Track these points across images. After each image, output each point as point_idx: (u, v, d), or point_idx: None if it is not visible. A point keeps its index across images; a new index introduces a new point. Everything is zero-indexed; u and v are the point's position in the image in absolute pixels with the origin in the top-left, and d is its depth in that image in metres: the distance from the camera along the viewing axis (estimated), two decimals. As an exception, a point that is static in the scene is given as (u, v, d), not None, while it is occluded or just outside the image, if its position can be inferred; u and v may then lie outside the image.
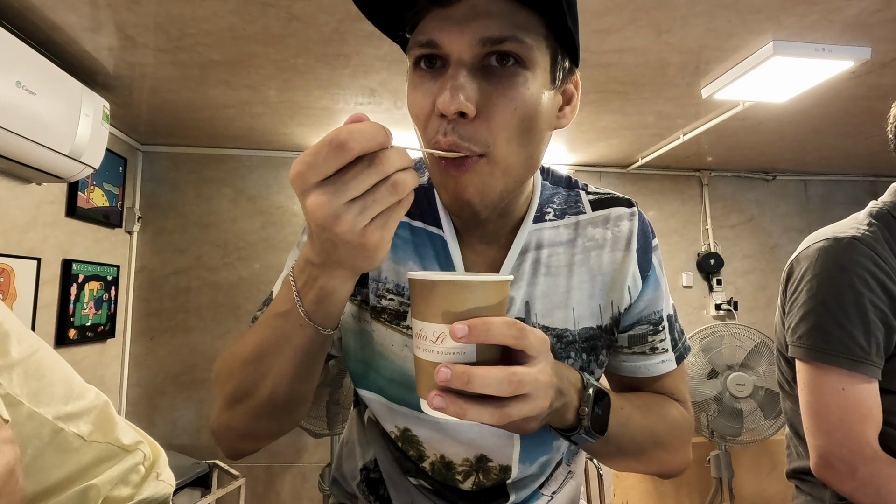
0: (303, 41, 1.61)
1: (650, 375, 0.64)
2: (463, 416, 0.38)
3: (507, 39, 0.45)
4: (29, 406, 0.42)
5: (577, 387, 0.49)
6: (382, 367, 0.61)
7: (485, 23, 0.45)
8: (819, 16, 1.48)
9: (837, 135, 2.53)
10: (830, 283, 0.85)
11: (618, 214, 0.63)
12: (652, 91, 1.99)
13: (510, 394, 0.38)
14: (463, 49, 0.46)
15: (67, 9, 1.42)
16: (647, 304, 0.63)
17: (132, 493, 0.49)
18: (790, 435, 1.02)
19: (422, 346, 0.41)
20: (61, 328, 2.02)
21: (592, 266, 0.61)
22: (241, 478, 2.04)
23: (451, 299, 0.40)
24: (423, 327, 0.41)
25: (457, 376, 0.37)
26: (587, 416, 0.49)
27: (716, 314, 3.05)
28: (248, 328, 0.55)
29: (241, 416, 0.52)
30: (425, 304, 0.41)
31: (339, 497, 0.76)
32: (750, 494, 2.74)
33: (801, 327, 0.88)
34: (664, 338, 0.64)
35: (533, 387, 0.39)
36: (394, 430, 0.64)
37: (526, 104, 0.47)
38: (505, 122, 0.47)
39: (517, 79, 0.47)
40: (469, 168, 0.47)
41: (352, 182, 0.37)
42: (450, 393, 0.38)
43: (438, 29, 0.46)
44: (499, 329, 0.38)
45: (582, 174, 3.05)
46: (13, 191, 1.79)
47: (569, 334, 0.60)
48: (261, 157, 2.76)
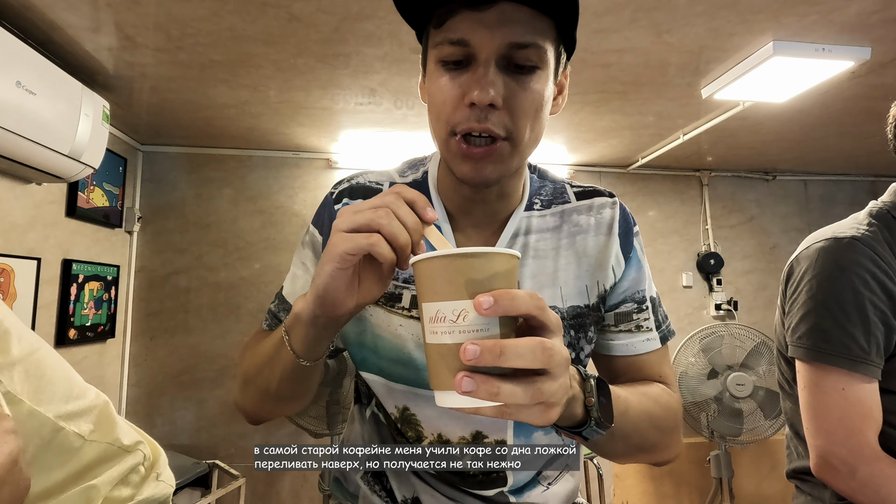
0: (303, 41, 1.61)
1: (636, 353, 0.67)
2: (496, 395, 0.35)
3: (531, 46, 0.53)
4: (29, 404, 0.42)
5: (576, 378, 0.49)
6: (380, 349, 0.65)
7: (512, 29, 0.52)
8: (819, 16, 1.48)
9: (837, 135, 2.54)
10: (830, 283, 0.85)
11: (601, 203, 0.69)
12: (652, 91, 1.99)
13: (542, 364, 0.36)
14: (492, 50, 0.53)
15: (67, 9, 1.42)
16: (630, 283, 0.68)
17: (132, 493, 0.49)
18: (790, 435, 1.02)
19: (439, 330, 0.39)
20: (61, 328, 2.03)
21: (578, 249, 0.66)
22: (241, 478, 2.04)
23: (471, 271, 0.38)
24: (440, 308, 0.38)
25: (487, 349, 0.35)
26: (595, 406, 0.48)
27: (716, 314, 3.05)
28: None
29: (249, 397, 0.63)
30: (442, 282, 0.39)
31: (340, 497, 0.76)
32: (750, 494, 2.74)
33: (800, 327, 0.87)
34: (648, 317, 0.68)
35: (559, 359, 0.38)
36: (394, 411, 0.67)
37: (540, 97, 0.55)
38: (524, 113, 0.55)
39: (534, 76, 0.54)
40: (496, 150, 0.56)
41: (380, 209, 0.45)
42: (478, 374, 0.36)
43: (471, 30, 0.53)
44: (523, 299, 0.37)
45: (582, 174, 3.05)
46: (13, 191, 1.79)
47: (558, 311, 0.65)
48: (261, 157, 2.76)
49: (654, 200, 3.12)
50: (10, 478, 0.34)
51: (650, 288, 0.70)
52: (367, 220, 0.43)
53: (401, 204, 0.44)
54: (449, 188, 0.67)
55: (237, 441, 2.60)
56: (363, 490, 0.71)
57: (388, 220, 0.43)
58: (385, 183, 0.71)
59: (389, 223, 0.43)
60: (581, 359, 0.67)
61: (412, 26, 0.60)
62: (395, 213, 0.44)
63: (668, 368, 0.69)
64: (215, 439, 2.58)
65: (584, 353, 0.67)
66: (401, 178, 0.71)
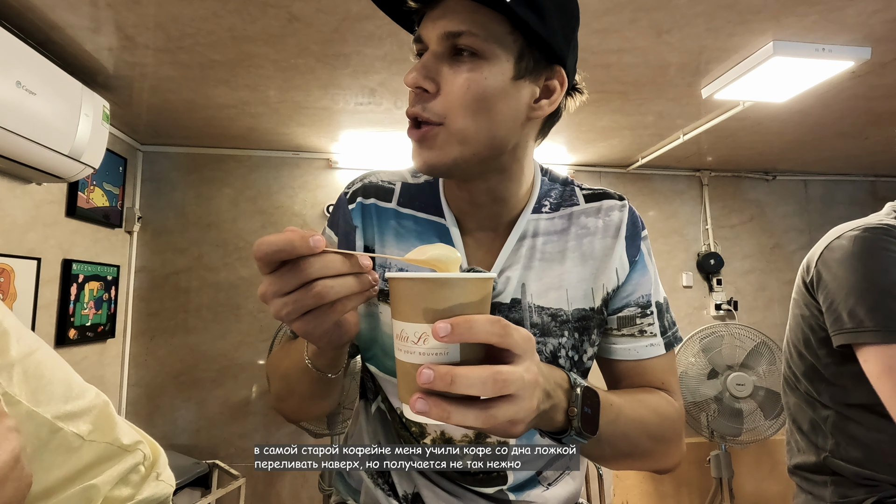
0: (303, 41, 1.61)
1: (639, 359, 0.66)
2: (447, 419, 0.37)
3: (464, 34, 0.54)
4: (28, 405, 0.42)
5: (563, 387, 0.49)
6: (388, 348, 0.66)
7: (450, 19, 0.55)
8: (819, 16, 1.48)
9: (837, 135, 2.53)
10: (876, 264, 0.85)
11: (609, 206, 0.69)
12: (652, 91, 1.99)
13: (495, 393, 0.37)
14: (433, 40, 0.56)
15: (67, 9, 1.42)
16: (634, 287, 0.67)
17: (132, 493, 0.49)
18: (791, 430, 1.02)
19: (403, 348, 0.40)
20: (61, 328, 2.02)
21: (585, 251, 0.66)
22: (241, 478, 2.04)
23: (432, 297, 0.39)
24: (404, 328, 0.40)
25: (440, 377, 0.36)
26: (577, 416, 0.48)
27: (716, 314, 3.04)
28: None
29: (286, 407, 0.67)
30: (405, 304, 0.40)
31: (342, 490, 0.77)
32: (750, 494, 2.74)
33: (858, 312, 0.85)
34: (652, 322, 0.67)
35: (518, 386, 0.38)
36: (399, 405, 0.68)
37: (479, 86, 0.55)
38: (458, 98, 0.55)
39: (471, 64, 0.55)
40: (427, 134, 0.56)
41: (276, 281, 0.42)
42: (433, 396, 0.38)
43: (423, 27, 0.58)
44: (482, 327, 0.38)
45: (582, 174, 3.05)
46: (13, 191, 1.79)
47: (563, 314, 0.65)
48: (261, 157, 2.76)
49: (654, 200, 3.12)
50: (13, 475, 0.34)
51: (657, 293, 0.69)
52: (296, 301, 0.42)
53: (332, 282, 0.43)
54: (452, 191, 0.67)
55: (237, 441, 2.60)
56: (366, 483, 0.72)
57: (326, 292, 0.42)
58: (397, 183, 0.71)
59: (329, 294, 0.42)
60: (584, 361, 0.67)
61: (411, 32, 0.63)
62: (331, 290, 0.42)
63: (671, 376, 0.68)
64: (215, 439, 2.58)
65: (587, 355, 0.67)
66: (413, 178, 0.72)
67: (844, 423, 0.94)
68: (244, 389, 2.63)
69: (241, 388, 2.63)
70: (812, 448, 0.98)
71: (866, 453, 0.91)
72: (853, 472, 0.92)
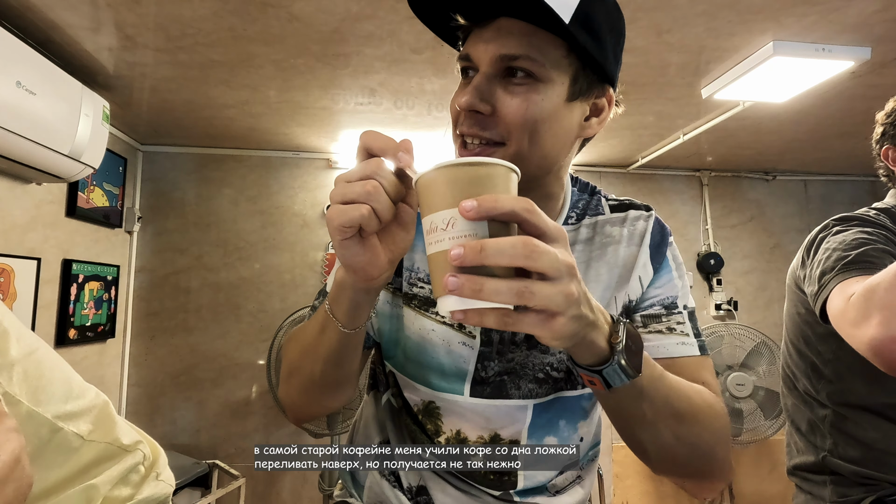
0: (303, 41, 1.61)
1: (670, 356, 0.62)
2: (479, 293, 0.36)
3: (520, 57, 0.54)
4: (28, 405, 0.42)
5: (605, 317, 0.46)
6: (408, 348, 0.68)
7: (504, 41, 0.55)
8: (819, 16, 1.48)
9: (837, 135, 2.53)
10: (834, 242, 0.91)
11: (635, 215, 0.70)
12: (652, 91, 1.99)
13: (526, 260, 0.36)
14: (486, 61, 0.56)
15: (67, 9, 1.42)
16: (658, 291, 0.67)
17: (132, 492, 0.49)
18: (790, 431, 1.03)
19: (433, 240, 0.40)
20: (61, 328, 2.02)
21: (609, 260, 0.67)
22: (241, 478, 2.04)
23: (458, 181, 0.39)
24: (433, 219, 0.40)
25: (470, 248, 0.36)
26: (621, 343, 0.45)
27: (716, 314, 3.04)
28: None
29: (294, 389, 0.64)
30: (433, 195, 0.40)
31: (347, 482, 0.78)
32: (750, 494, 2.74)
33: (823, 275, 0.89)
34: (682, 321, 0.65)
35: (552, 261, 0.36)
36: (418, 402, 0.69)
37: (535, 108, 0.55)
38: (516, 121, 0.55)
39: (527, 86, 0.55)
40: (487, 153, 0.56)
41: (350, 172, 0.44)
42: (465, 273, 0.37)
43: (472, 46, 0.57)
44: (508, 202, 0.37)
45: (582, 174, 3.01)
46: (13, 191, 1.79)
47: None
48: (261, 157, 2.76)
49: (654, 200, 3.11)
50: (14, 475, 0.34)
51: (684, 298, 0.67)
52: (356, 196, 0.44)
53: (386, 174, 0.45)
54: None
55: (237, 441, 2.60)
56: (372, 474, 0.72)
57: (377, 194, 0.43)
58: None
59: (377, 198, 0.43)
60: None
61: (454, 47, 0.65)
62: (383, 185, 0.44)
63: (710, 376, 0.63)
64: (215, 439, 2.58)
65: None
66: None
67: (842, 422, 0.94)
68: (244, 389, 2.63)
69: (241, 388, 2.63)
70: (811, 448, 0.98)
71: (865, 452, 0.91)
72: (852, 472, 0.92)
